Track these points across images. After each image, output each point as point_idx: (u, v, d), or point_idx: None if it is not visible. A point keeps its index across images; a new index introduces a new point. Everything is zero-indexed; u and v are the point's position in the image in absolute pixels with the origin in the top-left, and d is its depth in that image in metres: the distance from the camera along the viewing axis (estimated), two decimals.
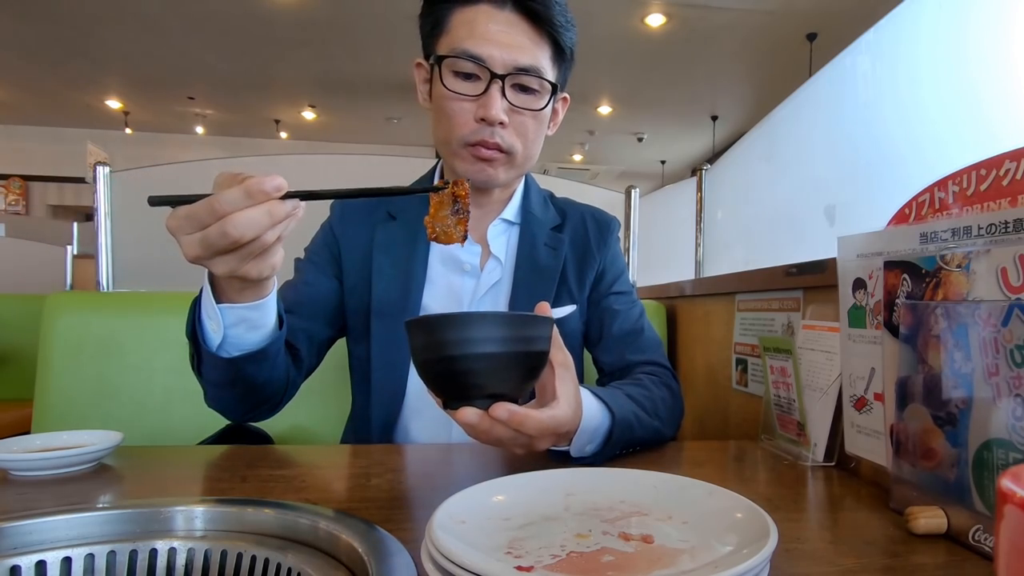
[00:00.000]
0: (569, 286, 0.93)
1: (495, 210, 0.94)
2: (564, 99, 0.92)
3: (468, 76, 0.79)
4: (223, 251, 0.53)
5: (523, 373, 0.56)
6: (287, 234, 0.56)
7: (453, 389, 0.56)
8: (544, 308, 0.63)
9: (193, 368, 0.71)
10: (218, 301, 0.62)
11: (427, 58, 0.85)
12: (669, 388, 0.88)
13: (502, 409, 0.54)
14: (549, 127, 0.90)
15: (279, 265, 0.59)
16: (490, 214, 0.94)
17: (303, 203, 0.55)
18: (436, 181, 0.94)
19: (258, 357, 0.68)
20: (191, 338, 0.66)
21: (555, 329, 0.62)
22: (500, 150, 0.82)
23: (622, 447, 0.74)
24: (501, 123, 0.80)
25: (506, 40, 0.77)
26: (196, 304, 0.65)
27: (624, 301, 0.97)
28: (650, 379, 0.87)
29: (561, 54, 0.83)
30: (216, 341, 0.65)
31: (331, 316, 0.91)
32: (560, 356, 0.63)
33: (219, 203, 0.50)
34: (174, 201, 0.52)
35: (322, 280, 0.91)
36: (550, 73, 0.82)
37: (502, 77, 0.78)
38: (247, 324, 0.65)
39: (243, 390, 0.72)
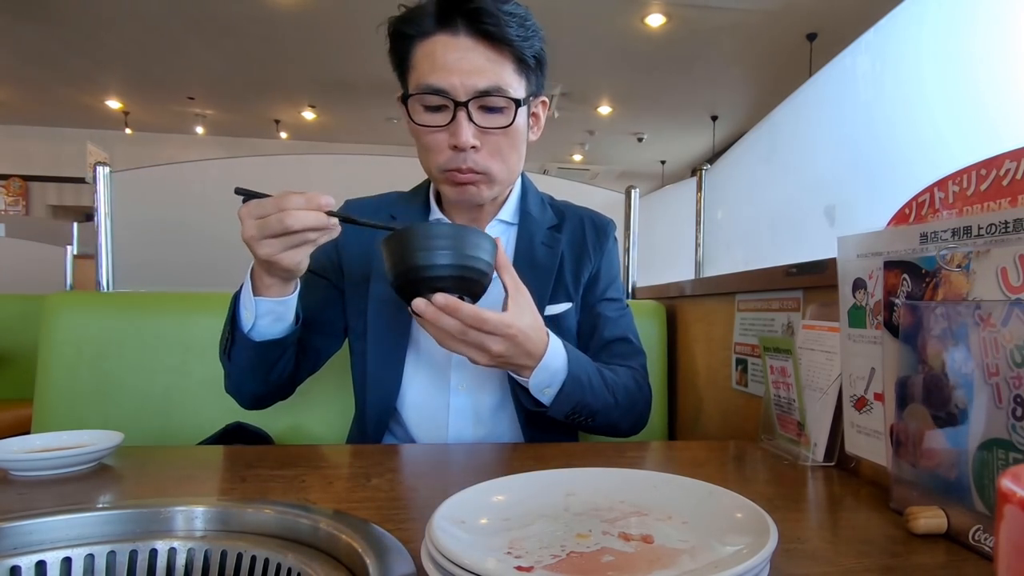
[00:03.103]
0: (566, 284, 0.95)
1: (491, 211, 0.96)
2: (543, 102, 0.93)
3: (436, 108, 0.81)
4: (272, 236, 0.67)
5: (463, 274, 0.69)
6: (318, 244, 0.71)
7: (408, 289, 0.69)
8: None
9: (223, 354, 0.83)
10: (255, 295, 0.76)
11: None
12: (637, 383, 0.93)
13: (441, 297, 0.67)
14: (532, 132, 0.92)
15: (306, 265, 0.73)
16: (487, 215, 0.95)
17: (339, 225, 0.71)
18: (431, 196, 0.97)
19: (279, 344, 0.81)
20: (230, 323, 0.80)
21: (506, 260, 0.76)
22: (476, 172, 0.83)
23: (575, 408, 0.82)
24: (474, 147, 0.81)
25: (465, 66, 0.78)
26: (235, 299, 0.80)
27: (615, 308, 0.99)
28: (624, 370, 0.92)
29: (526, 65, 0.83)
30: (248, 326, 0.78)
31: (328, 328, 0.95)
32: (512, 283, 0.75)
33: (285, 200, 0.67)
34: (253, 195, 0.69)
35: (319, 293, 0.94)
36: (516, 86, 0.82)
37: (465, 104, 0.79)
38: (273, 316, 0.79)
39: (263, 374, 0.84)
